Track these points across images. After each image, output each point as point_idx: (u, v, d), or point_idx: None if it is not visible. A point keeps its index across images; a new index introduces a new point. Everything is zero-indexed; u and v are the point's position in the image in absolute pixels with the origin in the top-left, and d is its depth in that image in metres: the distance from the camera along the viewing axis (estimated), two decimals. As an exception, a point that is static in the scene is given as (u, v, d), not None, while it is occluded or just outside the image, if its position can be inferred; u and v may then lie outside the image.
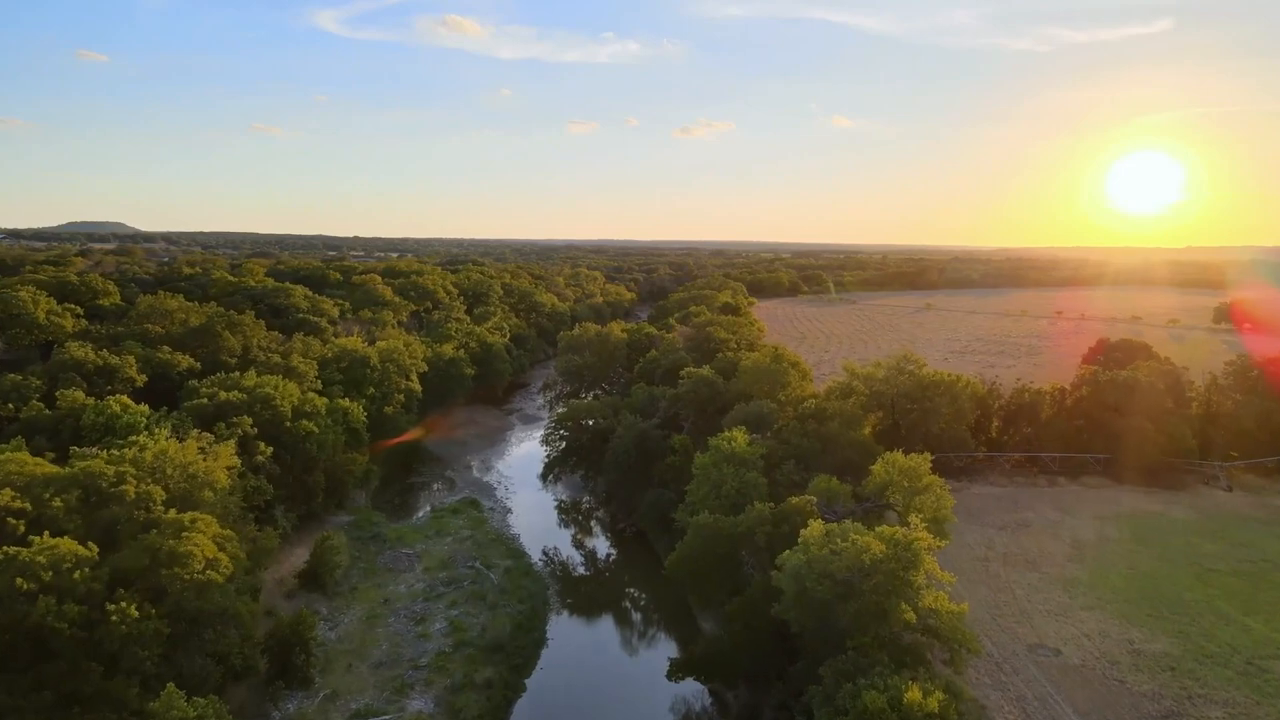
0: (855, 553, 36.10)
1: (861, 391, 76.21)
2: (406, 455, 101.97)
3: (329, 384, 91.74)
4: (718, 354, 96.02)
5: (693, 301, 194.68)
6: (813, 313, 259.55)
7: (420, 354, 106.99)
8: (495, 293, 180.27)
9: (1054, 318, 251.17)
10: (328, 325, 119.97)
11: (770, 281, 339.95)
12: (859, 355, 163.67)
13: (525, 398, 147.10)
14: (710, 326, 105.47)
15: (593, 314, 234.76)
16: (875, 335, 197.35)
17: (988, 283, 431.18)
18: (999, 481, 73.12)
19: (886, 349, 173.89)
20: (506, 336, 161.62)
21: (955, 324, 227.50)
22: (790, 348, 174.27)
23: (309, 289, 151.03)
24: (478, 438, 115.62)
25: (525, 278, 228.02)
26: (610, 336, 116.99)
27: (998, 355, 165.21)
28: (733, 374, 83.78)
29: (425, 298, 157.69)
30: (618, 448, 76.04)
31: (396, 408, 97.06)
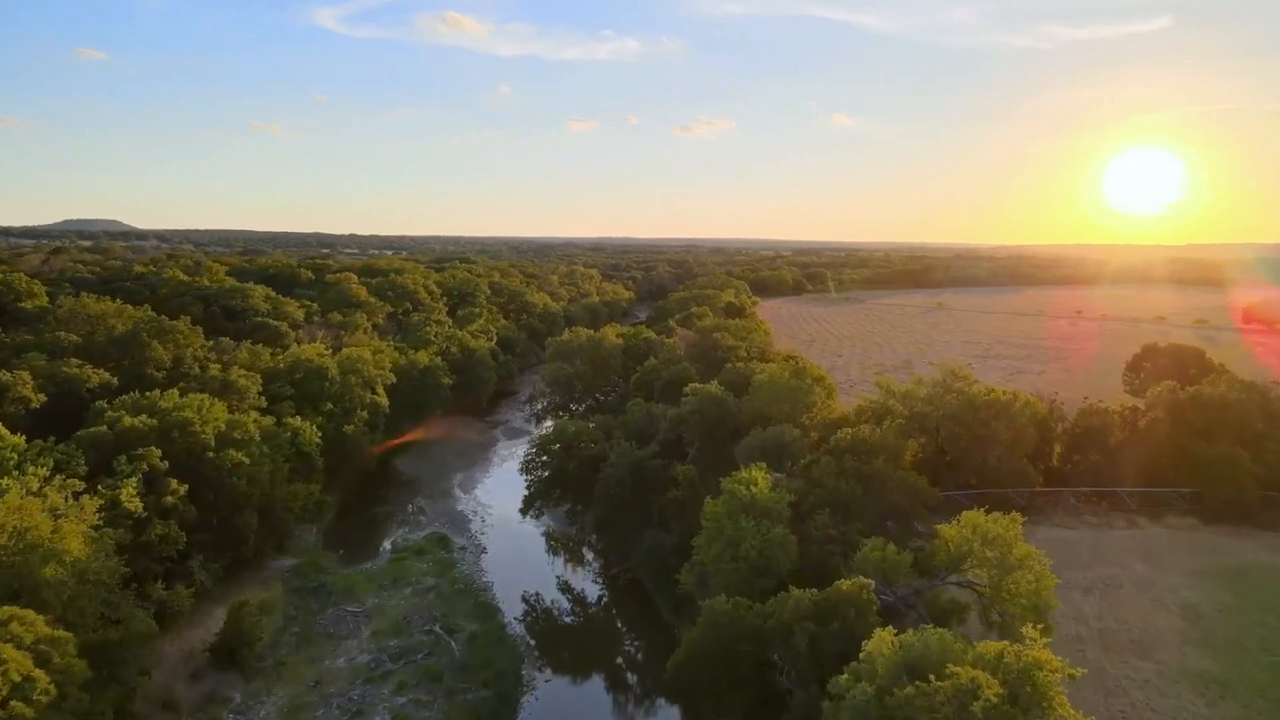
0: (956, 693, 23.92)
1: (899, 413, 64.08)
2: (371, 479, 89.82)
3: (277, 399, 79.62)
4: (726, 364, 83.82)
5: (694, 301, 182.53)
6: (819, 313, 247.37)
7: (388, 362, 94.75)
8: (482, 293, 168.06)
9: (1074, 317, 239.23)
10: (289, 330, 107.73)
11: (773, 280, 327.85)
12: (874, 360, 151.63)
13: (513, 408, 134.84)
14: (717, 333, 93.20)
15: (588, 314, 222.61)
16: (889, 337, 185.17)
17: (994, 281, 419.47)
18: (1067, 522, 60.96)
19: (903, 352, 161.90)
20: (493, 340, 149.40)
21: (970, 325, 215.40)
22: (800, 352, 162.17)
23: (275, 289, 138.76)
24: (456, 456, 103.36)
25: (516, 276, 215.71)
26: (604, 343, 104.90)
27: (1024, 359, 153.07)
28: (745, 390, 71.72)
29: (404, 298, 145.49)
30: (610, 479, 63.87)
31: (359, 425, 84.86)
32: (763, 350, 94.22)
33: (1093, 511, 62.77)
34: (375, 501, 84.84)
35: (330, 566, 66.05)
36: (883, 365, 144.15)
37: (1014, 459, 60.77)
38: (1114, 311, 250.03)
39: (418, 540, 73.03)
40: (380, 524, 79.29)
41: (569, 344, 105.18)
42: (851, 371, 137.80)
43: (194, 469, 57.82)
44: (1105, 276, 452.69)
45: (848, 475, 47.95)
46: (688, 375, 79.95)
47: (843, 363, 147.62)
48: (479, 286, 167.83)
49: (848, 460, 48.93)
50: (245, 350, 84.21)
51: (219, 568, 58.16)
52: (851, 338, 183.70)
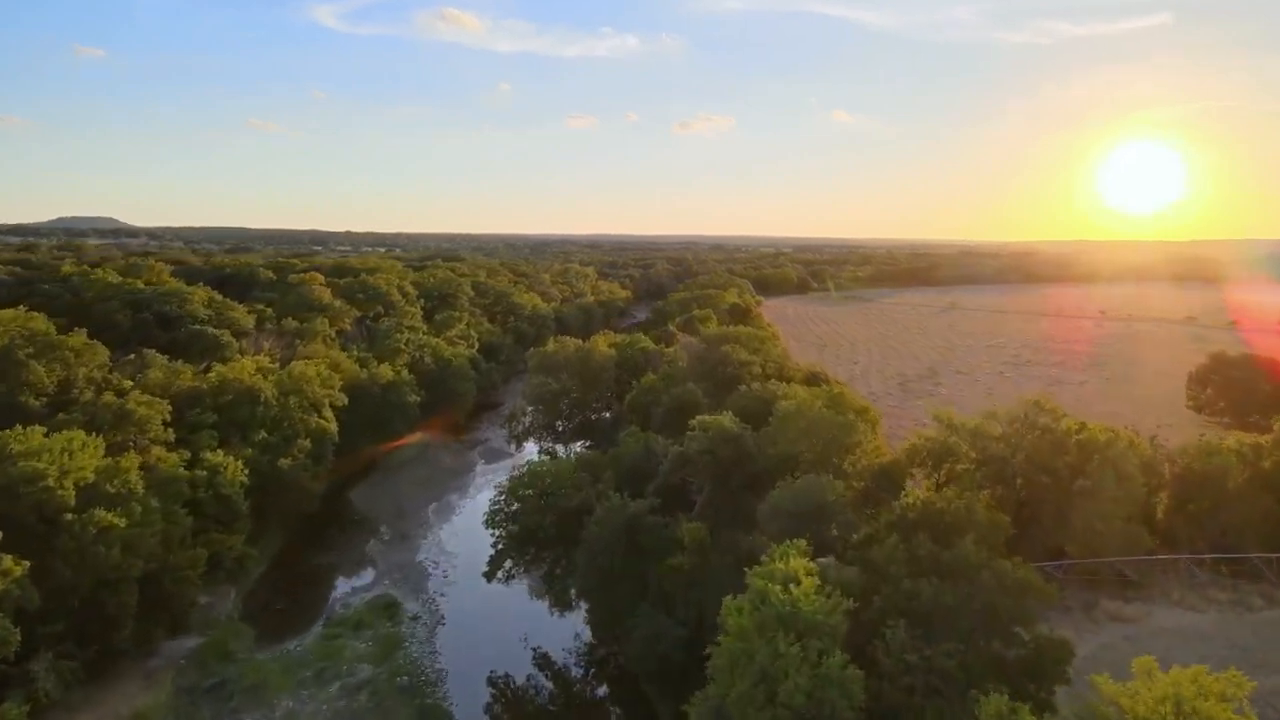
0: None
1: (966, 455, 50.28)
2: (316, 519, 75.77)
3: (197, 429, 65.64)
4: (738, 385, 69.92)
5: (695, 303, 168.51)
6: (827, 313, 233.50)
7: (342, 379, 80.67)
8: (464, 294, 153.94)
9: (1096, 318, 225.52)
10: (232, 340, 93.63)
11: (777, 278, 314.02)
12: (895, 368, 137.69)
13: (495, 422, 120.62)
14: (726, 345, 79.12)
15: (582, 315, 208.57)
16: (906, 341, 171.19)
17: (1002, 279, 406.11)
18: (1188, 599, 46.97)
19: (925, 359, 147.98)
20: (474, 347, 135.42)
21: (989, 326, 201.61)
22: (811, 356, 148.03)
23: (230, 292, 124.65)
24: (422, 485, 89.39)
25: (504, 275, 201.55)
26: (594, 354, 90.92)
27: (1058, 367, 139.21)
28: (764, 420, 57.91)
29: (375, 301, 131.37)
30: (597, 539, 49.91)
31: (299, 458, 70.82)
32: (781, 366, 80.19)
33: (1217, 583, 48.82)
34: (317, 549, 70.78)
35: (241, 649, 52.01)
36: (905, 375, 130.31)
37: (1118, 517, 46.82)
38: (1138, 311, 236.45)
39: (359, 607, 59.01)
40: (318, 581, 65.23)
41: (553, 355, 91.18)
42: (872, 382, 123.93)
43: (45, 537, 43.87)
44: (1113, 274, 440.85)
45: (924, 565, 34.01)
46: (693, 401, 65.98)
47: (860, 371, 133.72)
48: (460, 287, 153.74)
49: (922, 542, 34.94)
50: (159, 369, 70.11)
51: (80, 666, 44.17)
52: (866, 341, 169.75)
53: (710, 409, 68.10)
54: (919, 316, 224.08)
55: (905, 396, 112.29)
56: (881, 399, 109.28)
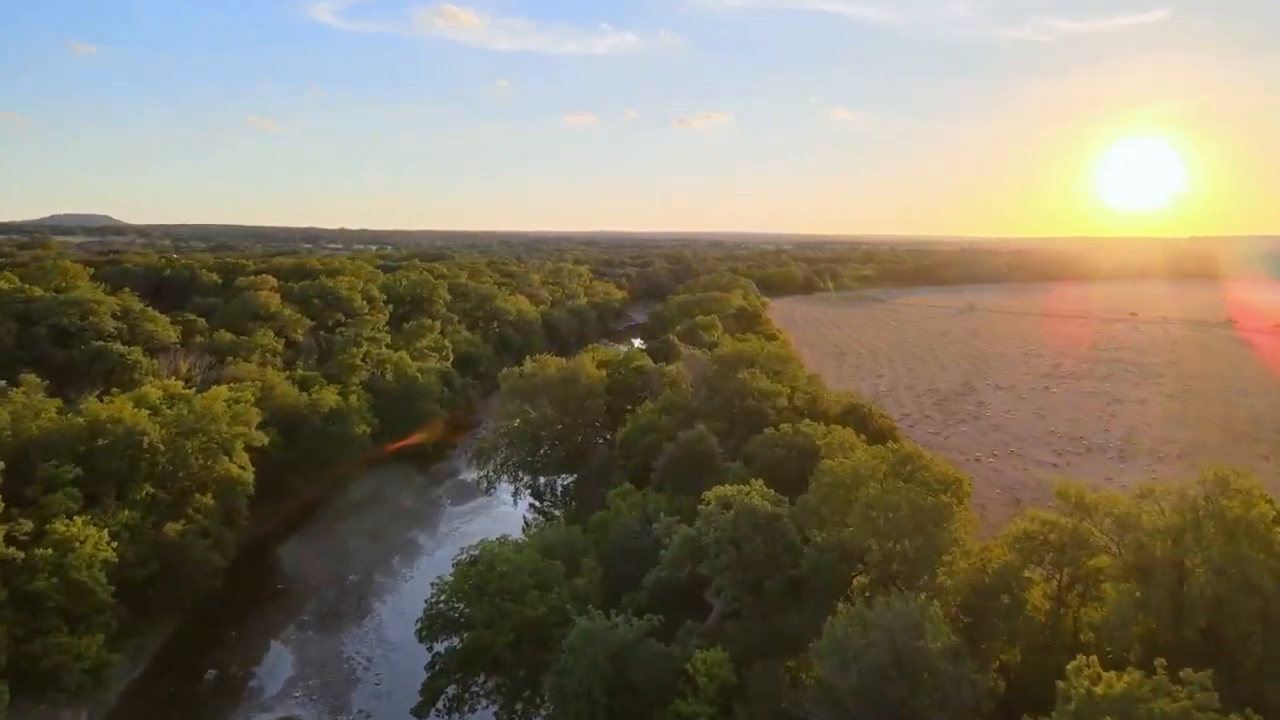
0: None
1: (1102, 550, 34.61)
2: (228, 590, 59.78)
3: (53, 487, 49.79)
4: (762, 423, 54.20)
5: (698, 306, 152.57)
6: (838, 316, 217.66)
7: (257, 415, 64.67)
8: (439, 298, 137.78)
9: (1129, 320, 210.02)
10: (144, 358, 77.62)
11: (781, 277, 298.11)
12: (924, 381, 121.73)
13: (470, 448, 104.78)
14: (742, 370, 63.03)
15: (574, 319, 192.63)
16: (930, 348, 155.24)
17: (1012, 277, 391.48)
18: None
19: (956, 370, 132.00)
20: (448, 360, 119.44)
21: (1014, 330, 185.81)
22: (829, 369, 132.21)
23: (166, 298, 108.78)
24: (371, 538, 73.47)
25: (489, 276, 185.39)
26: (580, 377, 74.94)
27: (1108, 380, 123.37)
28: (802, 478, 42.46)
29: (335, 307, 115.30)
30: (572, 674, 34.05)
31: (196, 519, 54.94)
32: (814, 397, 64.18)
33: None
34: (216, 640, 54.73)
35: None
36: (939, 390, 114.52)
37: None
38: (1172, 312, 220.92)
39: (249, 743, 43.18)
40: (204, 695, 49.26)
41: (530, 379, 75.22)
42: (903, 399, 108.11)
43: None
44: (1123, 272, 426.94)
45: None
46: (706, 451, 50.14)
47: (887, 386, 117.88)
48: (436, 291, 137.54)
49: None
50: (12, 402, 54.11)
51: None
52: (887, 349, 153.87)
53: (727, 456, 52.29)
54: (937, 319, 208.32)
55: (946, 419, 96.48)
56: (919, 423, 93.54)
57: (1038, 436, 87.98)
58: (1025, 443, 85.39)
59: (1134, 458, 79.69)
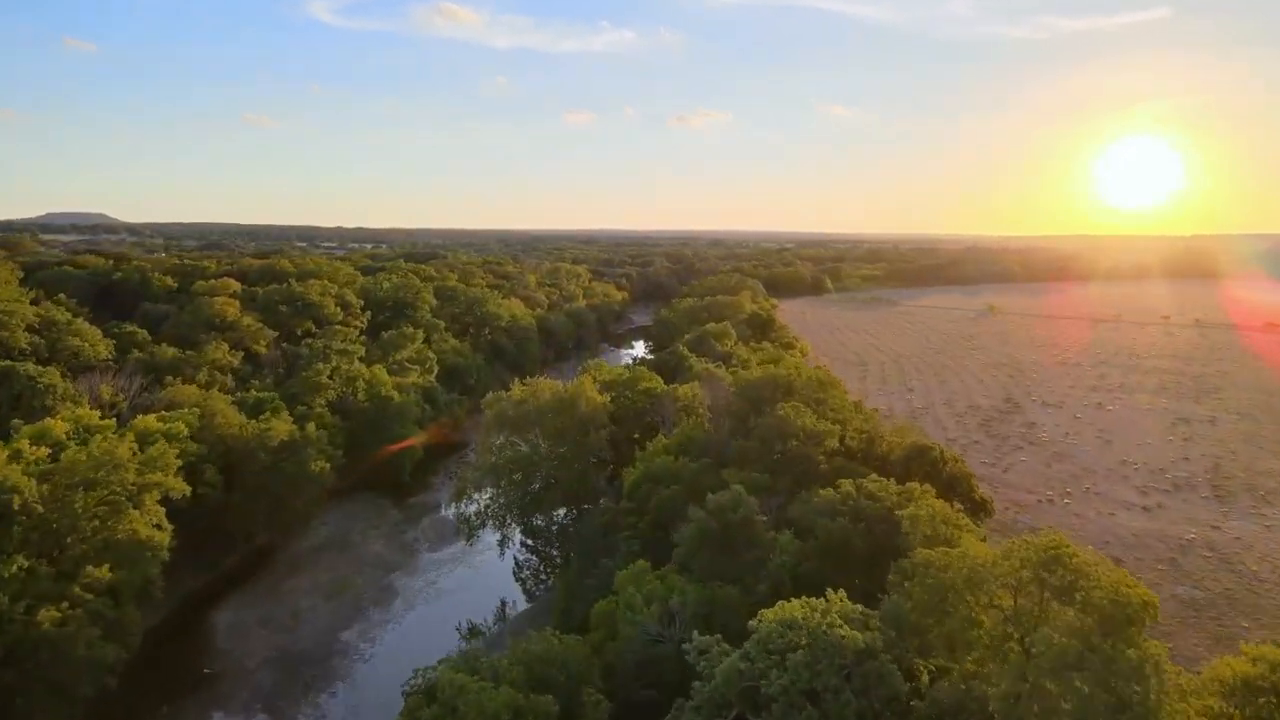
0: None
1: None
2: (143, 673, 47.55)
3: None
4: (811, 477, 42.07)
5: (706, 311, 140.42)
6: (852, 319, 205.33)
7: (175, 454, 52.46)
8: (424, 303, 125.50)
9: (1161, 323, 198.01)
10: (61, 380, 65.32)
11: (788, 278, 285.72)
12: (961, 396, 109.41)
13: (455, 475, 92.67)
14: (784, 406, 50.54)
15: (572, 324, 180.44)
16: (958, 356, 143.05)
17: (1025, 276, 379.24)
18: None
19: (992, 383, 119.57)
20: (433, 372, 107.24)
21: (1043, 335, 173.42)
22: (852, 380, 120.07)
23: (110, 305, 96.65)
24: (329, 598, 61.28)
25: (481, 278, 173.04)
26: (580, 403, 62.65)
27: (1163, 394, 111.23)
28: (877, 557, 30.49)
29: (305, 315, 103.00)
30: None
31: (88, 600, 42.76)
32: (870, 438, 51.81)
33: None
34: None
35: None
36: (979, 407, 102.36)
37: None
38: (1206, 315, 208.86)
39: None
40: None
41: (520, 407, 62.93)
42: (943, 419, 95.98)
43: None
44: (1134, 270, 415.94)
45: None
46: (745, 520, 37.90)
47: (922, 402, 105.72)
48: (420, 296, 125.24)
49: None
50: None
51: None
52: (912, 357, 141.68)
53: (769, 520, 40.26)
54: (958, 323, 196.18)
55: (998, 445, 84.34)
56: (968, 450, 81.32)
57: (1110, 468, 75.86)
58: (1098, 477, 73.29)
59: (1233, 497, 67.57)
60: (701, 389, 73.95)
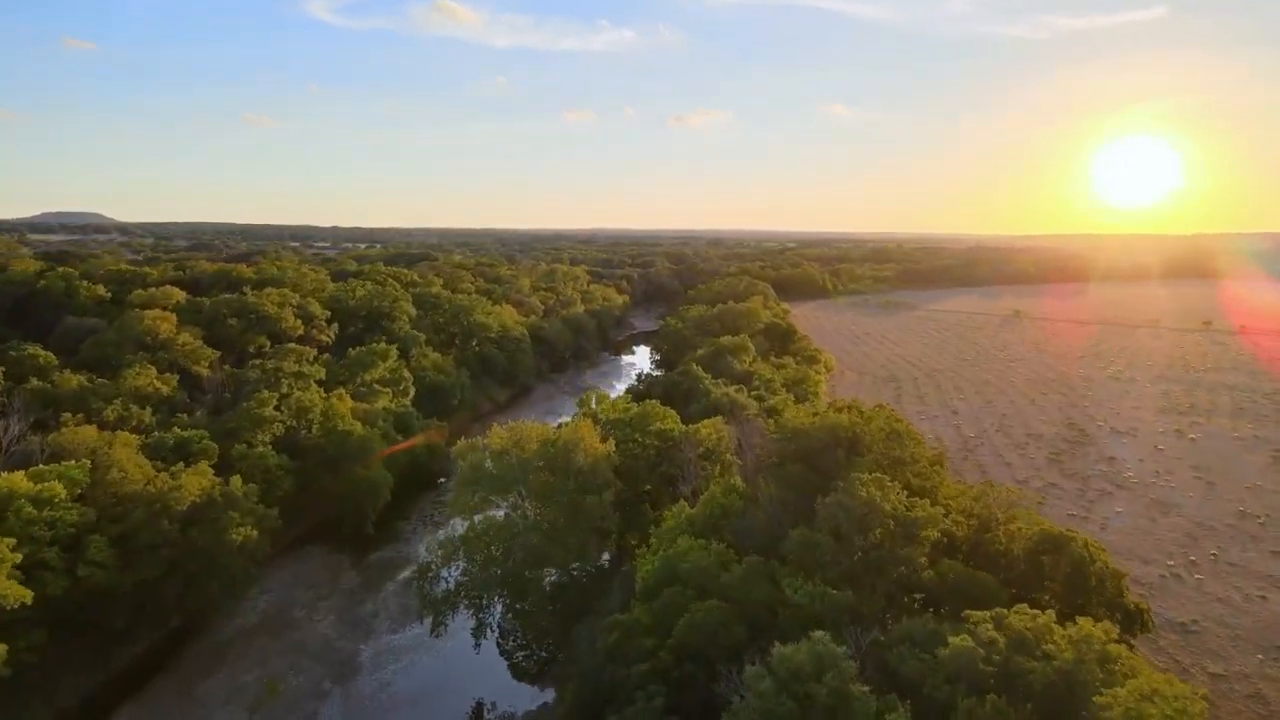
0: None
1: None
2: None
3: None
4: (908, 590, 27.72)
5: (718, 321, 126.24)
6: (872, 326, 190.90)
7: (8, 551, 38.35)
8: (402, 313, 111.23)
9: (1204, 329, 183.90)
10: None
11: (797, 280, 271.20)
12: (1017, 421, 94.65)
13: (432, 518, 78.52)
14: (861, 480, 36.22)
15: (569, 332, 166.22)
16: (1002, 372, 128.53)
17: (1041, 277, 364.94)
18: None
19: (1049, 404, 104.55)
20: (408, 395, 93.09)
21: (1084, 345, 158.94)
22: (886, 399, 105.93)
23: (22, 320, 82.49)
24: (250, 706, 47.07)
25: (469, 283, 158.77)
26: (574, 455, 48.41)
27: (1239, 416, 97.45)
28: None
29: (260, 329, 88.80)
30: None
31: None
32: (982, 522, 37.51)
33: None
34: None
35: None
36: (1041, 435, 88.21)
37: None
38: (1250, 320, 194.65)
39: None
40: None
41: (502, 461, 48.72)
42: (1003, 451, 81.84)
43: None
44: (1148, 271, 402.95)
45: None
46: (838, 703, 23.68)
47: (972, 428, 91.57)
48: (397, 305, 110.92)
49: None
50: None
51: None
52: (947, 372, 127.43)
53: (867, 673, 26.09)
54: (985, 330, 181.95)
55: (1080, 490, 70.07)
56: (1046, 496, 67.14)
57: (1229, 523, 61.83)
58: (1220, 535, 59.27)
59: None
60: (728, 428, 60.04)
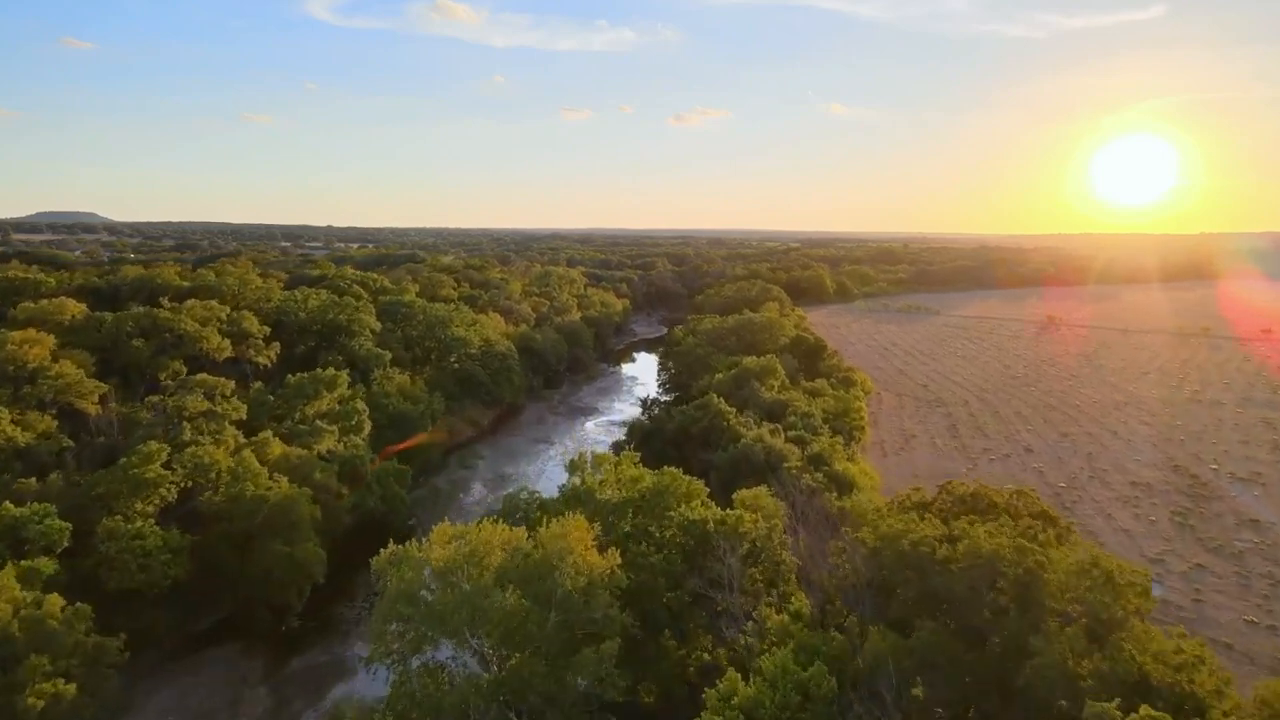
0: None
1: None
2: None
3: None
4: None
5: (734, 337, 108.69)
6: (898, 335, 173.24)
7: None
8: (364, 327, 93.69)
9: (1264, 338, 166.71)
10: None
11: (808, 283, 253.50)
12: (1110, 463, 76.66)
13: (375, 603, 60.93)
14: None
15: (563, 343, 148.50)
16: (1063, 394, 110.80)
17: (1062, 279, 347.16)
18: None
19: (1142, 445, 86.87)
20: (363, 431, 75.53)
21: (1140, 357, 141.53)
22: (937, 431, 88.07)
23: None
24: None
25: (451, 289, 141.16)
26: (560, 575, 30.96)
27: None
28: None
29: (175, 352, 71.32)
30: None
31: None
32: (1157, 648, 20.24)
33: None
34: None
35: None
36: (1143, 482, 70.87)
37: None
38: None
39: None
40: None
41: (447, 583, 31.21)
42: (1108, 506, 64.30)
43: None
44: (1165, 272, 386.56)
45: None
46: None
47: (1056, 471, 74.08)
48: (356, 318, 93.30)
49: None
50: None
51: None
52: (999, 392, 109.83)
53: None
54: (1024, 341, 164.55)
55: (1237, 572, 52.54)
56: (1201, 589, 49.71)
57: None
58: None
59: None
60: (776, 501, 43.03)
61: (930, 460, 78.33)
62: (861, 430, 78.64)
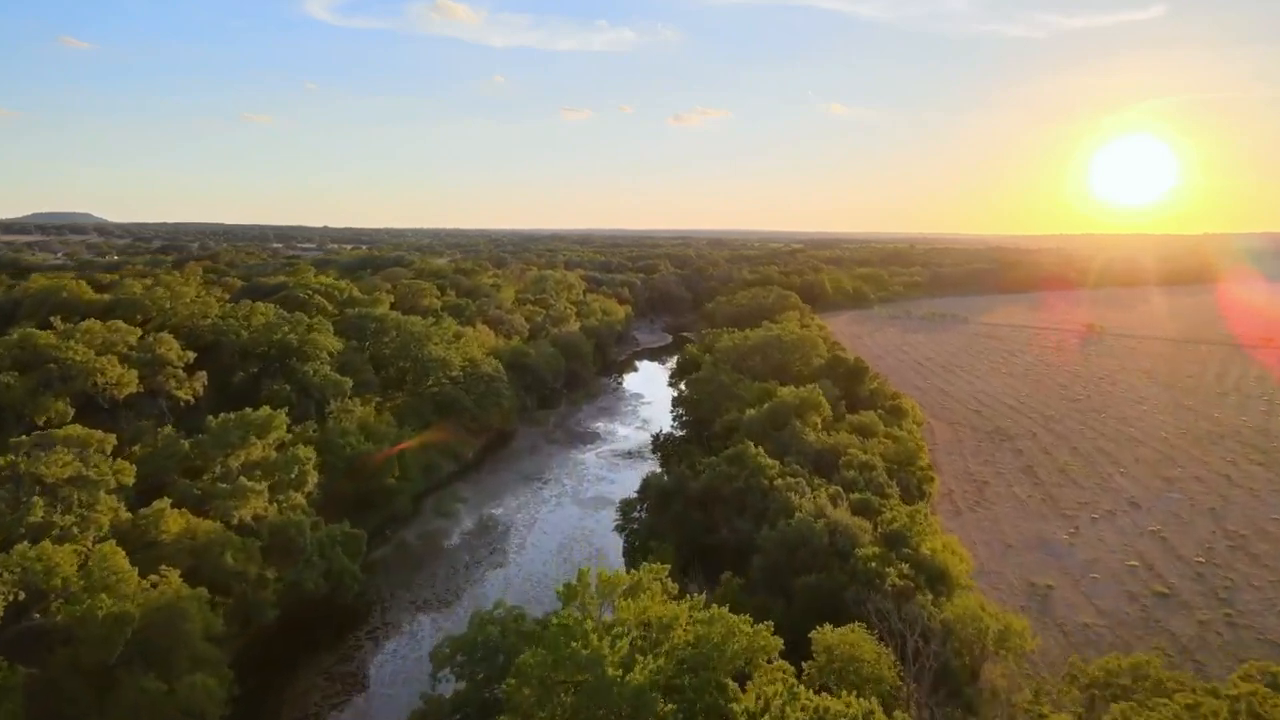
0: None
1: None
2: None
3: None
4: None
5: (759, 357, 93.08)
6: (930, 348, 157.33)
7: None
8: (321, 349, 77.92)
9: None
10: None
11: (821, 286, 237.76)
12: (1262, 532, 61.54)
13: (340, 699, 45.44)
14: None
15: (559, 358, 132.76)
16: (1144, 424, 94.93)
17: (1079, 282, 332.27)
18: None
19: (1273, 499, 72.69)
20: (304, 487, 59.85)
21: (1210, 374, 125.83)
22: (1024, 486, 71.61)
23: None
24: None
25: (433, 298, 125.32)
26: None
27: None
28: None
29: (63, 387, 55.85)
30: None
31: None
32: None
33: None
34: None
35: None
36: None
37: None
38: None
39: None
40: None
41: None
42: (1264, 588, 48.55)
43: None
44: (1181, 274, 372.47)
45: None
46: None
47: (1176, 535, 58.42)
48: (310, 341, 77.51)
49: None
50: None
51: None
52: (1068, 421, 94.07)
53: None
54: (1069, 353, 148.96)
55: None
56: None
57: None
58: None
59: None
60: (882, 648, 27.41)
61: (1017, 520, 62.69)
62: (930, 481, 63.11)
